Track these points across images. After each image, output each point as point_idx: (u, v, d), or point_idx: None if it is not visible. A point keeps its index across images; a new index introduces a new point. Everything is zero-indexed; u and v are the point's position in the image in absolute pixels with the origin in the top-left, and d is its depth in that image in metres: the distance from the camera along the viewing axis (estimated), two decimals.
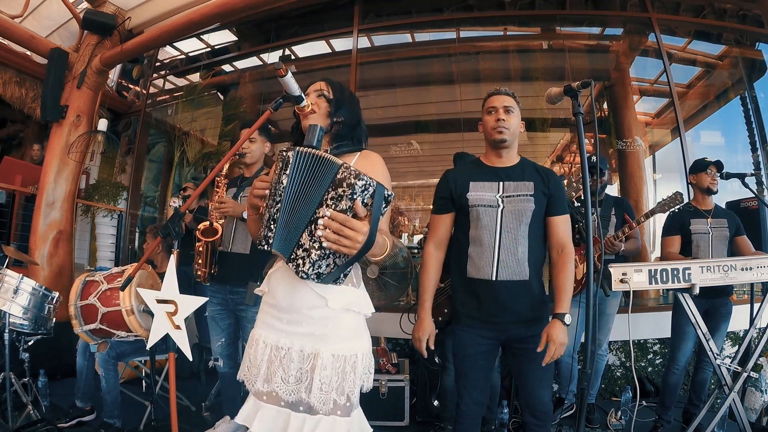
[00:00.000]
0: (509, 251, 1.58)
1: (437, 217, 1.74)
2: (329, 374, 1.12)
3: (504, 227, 1.59)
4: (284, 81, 1.12)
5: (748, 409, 2.50)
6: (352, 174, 1.00)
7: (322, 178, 1.04)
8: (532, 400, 1.60)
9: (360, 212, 1.00)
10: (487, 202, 1.62)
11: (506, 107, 1.66)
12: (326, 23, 4.76)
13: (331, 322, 1.16)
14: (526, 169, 1.68)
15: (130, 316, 2.16)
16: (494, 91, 1.71)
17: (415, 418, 2.69)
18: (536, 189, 1.61)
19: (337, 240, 0.99)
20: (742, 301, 3.15)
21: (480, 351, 1.62)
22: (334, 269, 1.06)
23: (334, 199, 1.02)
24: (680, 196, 2.31)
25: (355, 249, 1.00)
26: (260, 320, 1.26)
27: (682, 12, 4.34)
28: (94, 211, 4.69)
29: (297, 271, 1.05)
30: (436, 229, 1.73)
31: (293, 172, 1.07)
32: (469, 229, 1.64)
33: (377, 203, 1.01)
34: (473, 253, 1.62)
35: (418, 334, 1.65)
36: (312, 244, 1.03)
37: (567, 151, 4.99)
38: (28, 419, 2.33)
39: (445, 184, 1.72)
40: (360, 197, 1.00)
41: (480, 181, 1.66)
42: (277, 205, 1.09)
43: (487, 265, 1.59)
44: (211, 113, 5.34)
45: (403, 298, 3.56)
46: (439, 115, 5.00)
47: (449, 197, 1.70)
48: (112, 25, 3.98)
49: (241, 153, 2.15)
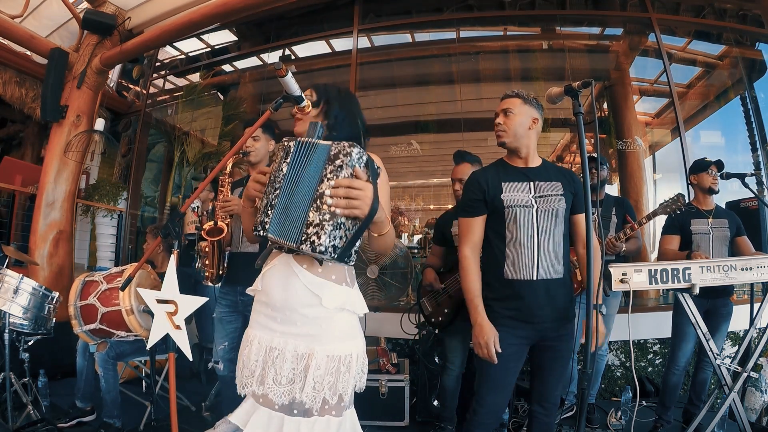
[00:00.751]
0: (547, 250, 1.60)
1: (470, 220, 1.68)
2: (323, 374, 1.12)
3: (540, 227, 1.60)
4: (284, 81, 1.12)
5: (748, 409, 2.50)
6: (345, 145, 1.06)
7: (319, 158, 1.08)
8: (545, 391, 1.65)
9: (361, 175, 1.04)
10: (522, 202, 1.62)
11: (504, 110, 1.68)
12: (326, 23, 4.77)
13: (325, 322, 1.15)
14: (550, 169, 1.70)
15: (130, 315, 2.16)
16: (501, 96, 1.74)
17: (415, 418, 2.69)
18: (564, 189, 1.65)
19: (348, 204, 1.02)
20: (742, 301, 3.15)
21: (512, 353, 1.60)
22: (347, 242, 1.06)
23: (333, 171, 1.05)
24: (682, 198, 2.31)
25: (366, 208, 1.03)
26: (254, 320, 1.25)
27: (682, 12, 4.34)
28: (94, 211, 4.69)
29: (314, 248, 1.02)
30: (471, 233, 1.68)
31: (293, 159, 1.10)
32: (504, 230, 1.63)
33: (372, 172, 1.07)
34: (511, 254, 1.61)
35: (483, 339, 1.55)
36: (323, 217, 1.03)
37: (567, 151, 4.99)
38: (28, 419, 2.33)
39: (476, 186, 1.68)
40: (359, 164, 1.05)
41: (512, 182, 1.66)
42: (276, 192, 1.10)
43: (527, 266, 1.59)
44: (211, 113, 5.34)
45: (403, 298, 3.56)
46: (439, 115, 5.00)
47: (482, 199, 1.66)
48: (112, 25, 3.98)
49: (246, 152, 2.14)
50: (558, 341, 1.63)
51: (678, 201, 2.31)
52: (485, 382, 1.63)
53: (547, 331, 1.61)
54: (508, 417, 2.41)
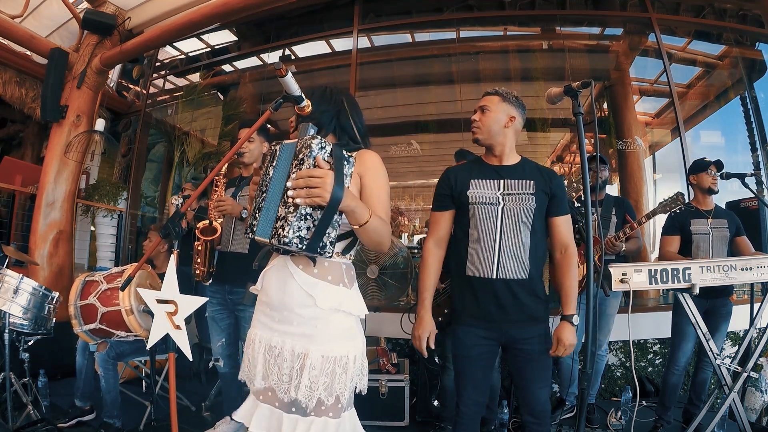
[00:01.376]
0: (510, 250, 1.57)
1: (437, 214, 1.72)
2: (317, 374, 1.12)
3: (504, 225, 1.58)
4: (284, 81, 1.12)
5: (748, 409, 2.50)
6: (307, 139, 1.08)
7: (288, 156, 1.12)
8: (531, 400, 1.60)
9: (321, 164, 1.05)
10: (487, 199, 1.61)
11: (481, 107, 1.68)
12: (326, 23, 4.76)
13: (321, 323, 1.15)
14: (527, 168, 1.67)
15: (130, 316, 2.16)
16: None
17: (415, 418, 2.69)
18: (537, 188, 1.61)
19: (308, 192, 1.02)
20: (742, 301, 3.15)
21: (479, 352, 1.61)
22: (314, 231, 1.05)
23: (297, 165, 1.07)
24: (682, 196, 2.30)
25: (326, 194, 1.02)
26: (255, 319, 1.26)
27: (682, 12, 4.34)
28: (94, 211, 4.68)
29: (279, 241, 1.03)
30: (437, 227, 1.72)
31: (279, 162, 1.13)
32: (468, 226, 1.63)
33: (338, 162, 1.06)
34: (473, 251, 1.61)
35: (418, 332, 1.63)
36: (288, 210, 1.05)
37: (567, 151, 4.99)
38: (28, 419, 2.33)
39: (446, 181, 1.71)
40: (319, 154, 1.05)
41: (480, 179, 1.65)
42: (263, 195, 1.12)
43: (487, 264, 1.58)
44: (211, 113, 5.34)
45: (403, 298, 3.56)
46: (439, 115, 5.00)
47: (449, 194, 1.69)
48: (112, 25, 3.98)
49: (240, 153, 2.16)
50: (529, 344, 1.58)
51: (677, 200, 2.30)
52: (459, 379, 1.66)
53: (514, 333, 1.58)
54: (508, 417, 2.41)
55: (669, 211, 2.35)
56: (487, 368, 1.66)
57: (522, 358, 1.60)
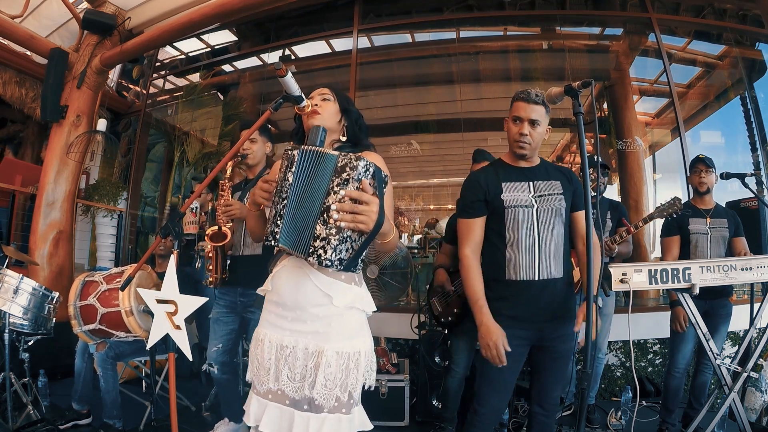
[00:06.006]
0: (547, 250, 1.58)
1: (470, 222, 1.65)
2: (333, 371, 1.14)
3: (541, 227, 1.59)
4: (284, 81, 1.12)
5: (748, 409, 2.50)
6: (352, 158, 1.05)
7: (325, 169, 1.08)
8: (544, 396, 1.64)
9: (368, 189, 1.05)
10: (522, 202, 1.60)
11: (532, 120, 1.59)
12: (326, 23, 4.77)
13: (335, 320, 1.17)
14: (549, 168, 1.69)
15: (129, 316, 2.16)
16: (524, 95, 1.61)
17: (415, 418, 2.69)
18: (563, 187, 1.63)
19: (354, 219, 1.03)
20: (742, 301, 3.15)
21: (512, 353, 1.57)
22: (353, 253, 1.08)
23: (340, 185, 1.05)
24: (679, 201, 2.29)
25: (371, 223, 1.04)
26: (264, 319, 1.27)
27: (682, 12, 4.34)
28: (94, 211, 4.68)
29: (321, 262, 1.04)
30: (472, 234, 1.64)
31: (299, 168, 1.10)
32: (504, 231, 1.60)
33: (379, 183, 1.08)
34: (512, 255, 1.59)
35: (491, 340, 1.50)
36: (329, 231, 1.04)
37: (567, 151, 4.99)
38: (28, 419, 2.33)
39: (477, 186, 1.65)
40: (365, 177, 1.05)
41: (511, 182, 1.64)
42: (284, 201, 1.10)
43: (528, 267, 1.57)
44: (211, 113, 5.34)
45: (403, 298, 3.56)
46: (439, 115, 5.00)
47: (483, 199, 1.63)
48: (112, 25, 3.98)
49: (243, 155, 2.13)
50: (557, 342, 1.61)
51: (675, 204, 2.29)
52: (486, 383, 1.63)
53: (547, 331, 1.60)
54: (507, 417, 2.41)
55: (666, 215, 2.34)
56: (515, 371, 1.64)
57: (548, 356, 1.62)
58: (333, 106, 1.30)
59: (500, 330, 1.52)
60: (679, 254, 2.51)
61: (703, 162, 2.49)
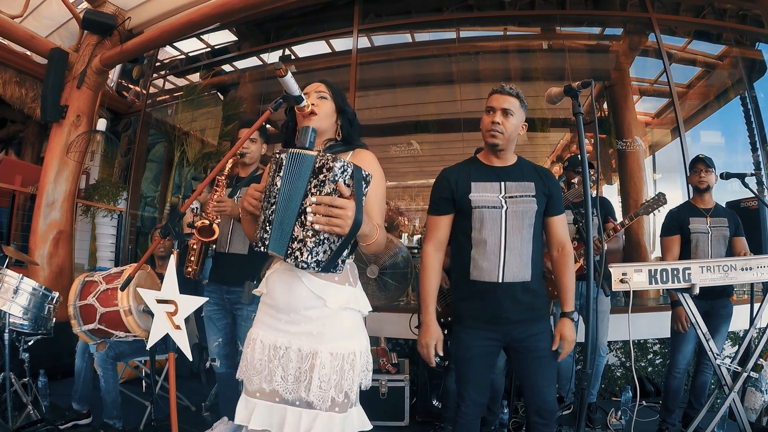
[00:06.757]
0: (514, 253, 1.55)
1: (437, 218, 1.65)
2: (328, 372, 1.13)
3: (509, 229, 1.55)
4: (284, 81, 1.12)
5: (748, 409, 2.50)
6: (329, 159, 1.04)
7: (305, 171, 1.08)
8: (538, 398, 1.58)
9: (344, 191, 1.03)
10: (491, 203, 1.57)
11: (504, 109, 1.57)
12: (326, 23, 4.77)
13: (329, 321, 1.17)
14: (524, 169, 1.65)
15: (128, 316, 2.16)
16: (498, 88, 1.61)
17: (415, 418, 2.69)
18: (537, 189, 1.59)
19: (328, 221, 1.02)
20: (742, 301, 3.14)
21: (482, 353, 1.60)
22: (331, 255, 1.07)
23: (317, 186, 1.05)
24: (663, 197, 2.33)
25: (346, 226, 1.02)
26: (258, 320, 1.26)
27: (682, 12, 4.34)
28: (94, 211, 4.68)
29: (297, 264, 1.05)
30: (436, 231, 1.65)
31: (286, 172, 1.10)
32: (471, 231, 1.58)
33: (358, 184, 1.05)
34: (477, 255, 1.57)
35: (425, 340, 1.57)
36: (306, 233, 1.04)
37: (567, 151, 4.98)
38: (28, 419, 2.33)
39: (445, 184, 1.64)
40: (341, 178, 1.03)
41: (481, 182, 1.61)
42: (272, 207, 1.10)
43: (492, 268, 1.55)
44: (211, 113, 5.34)
45: (403, 298, 3.56)
46: (439, 115, 5.00)
47: (450, 198, 1.62)
48: (112, 25, 3.98)
49: (242, 153, 2.15)
50: (532, 341, 1.57)
51: (659, 200, 2.32)
52: (461, 380, 1.64)
53: (516, 333, 1.58)
54: (508, 417, 2.41)
55: (651, 212, 2.35)
56: (487, 368, 1.65)
57: (529, 357, 1.58)
58: (329, 105, 1.28)
59: (438, 333, 1.58)
60: (679, 254, 2.50)
61: (703, 162, 2.49)
